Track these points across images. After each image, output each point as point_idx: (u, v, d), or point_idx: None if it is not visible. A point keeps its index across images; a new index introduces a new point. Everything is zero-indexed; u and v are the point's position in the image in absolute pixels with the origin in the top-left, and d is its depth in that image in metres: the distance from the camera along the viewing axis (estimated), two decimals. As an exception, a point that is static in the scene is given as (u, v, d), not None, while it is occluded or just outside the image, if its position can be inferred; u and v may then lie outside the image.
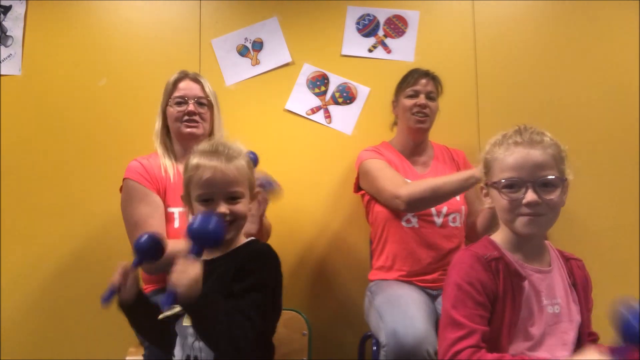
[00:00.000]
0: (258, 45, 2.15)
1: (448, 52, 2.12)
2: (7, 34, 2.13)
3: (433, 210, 1.72)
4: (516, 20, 2.13)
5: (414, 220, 1.73)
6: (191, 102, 1.64)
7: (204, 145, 1.20)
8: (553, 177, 1.05)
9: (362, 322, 1.79)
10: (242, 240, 1.23)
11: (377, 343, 1.62)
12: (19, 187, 2.07)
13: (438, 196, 1.62)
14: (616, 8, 2.10)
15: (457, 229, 1.76)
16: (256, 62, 2.14)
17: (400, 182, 1.69)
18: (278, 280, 1.18)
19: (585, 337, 1.09)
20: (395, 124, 1.95)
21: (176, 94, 1.66)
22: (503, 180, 1.06)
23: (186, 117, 1.63)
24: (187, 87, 1.67)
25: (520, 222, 1.06)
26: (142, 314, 1.17)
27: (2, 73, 2.11)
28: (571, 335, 1.07)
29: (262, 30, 2.15)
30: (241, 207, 1.16)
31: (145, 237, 1.17)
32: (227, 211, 1.13)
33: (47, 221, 2.05)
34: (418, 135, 1.85)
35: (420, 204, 1.66)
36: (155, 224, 1.52)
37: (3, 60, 2.12)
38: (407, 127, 1.84)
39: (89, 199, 2.06)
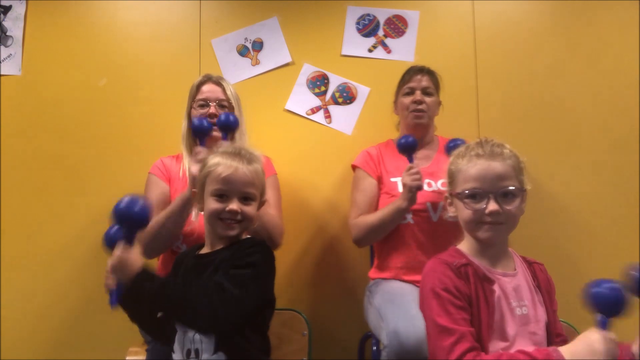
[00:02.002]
0: (258, 45, 2.15)
1: (448, 52, 2.12)
2: (7, 34, 2.14)
3: (429, 205, 1.72)
4: (516, 20, 2.13)
5: (409, 217, 1.72)
6: (213, 104, 1.70)
7: (226, 147, 1.28)
8: (513, 187, 1.11)
9: (362, 322, 1.79)
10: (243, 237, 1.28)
11: (377, 342, 1.62)
12: (18, 187, 2.07)
13: (377, 232, 1.72)
14: (616, 8, 2.09)
15: (454, 223, 1.74)
16: (256, 62, 2.14)
17: (360, 212, 1.77)
18: (271, 271, 1.23)
19: (553, 338, 1.14)
20: (400, 123, 1.95)
21: (199, 96, 1.73)
22: (466, 191, 1.13)
23: (208, 119, 1.69)
24: (209, 90, 1.73)
25: (482, 230, 1.12)
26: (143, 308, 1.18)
27: (2, 73, 2.11)
28: (540, 336, 1.11)
29: (262, 30, 2.15)
30: (251, 209, 1.23)
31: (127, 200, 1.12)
32: (239, 210, 1.19)
33: (47, 221, 2.05)
34: (417, 131, 1.84)
35: (365, 242, 1.78)
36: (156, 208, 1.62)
37: (3, 60, 2.12)
38: (407, 125, 1.85)
39: (89, 199, 2.06)
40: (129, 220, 1.09)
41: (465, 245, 1.19)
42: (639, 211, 1.99)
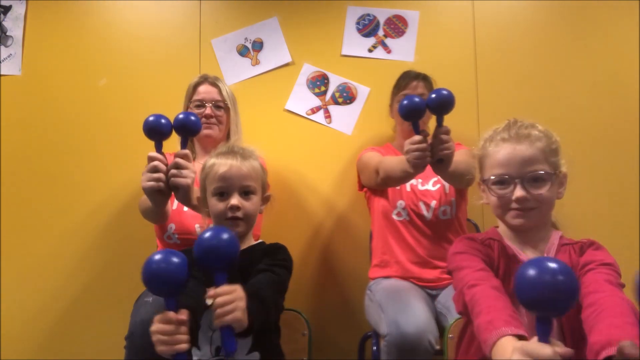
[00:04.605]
0: (258, 45, 2.15)
1: (448, 52, 2.12)
2: (7, 34, 2.14)
3: (422, 204, 1.75)
4: (516, 20, 2.13)
5: (404, 213, 1.76)
6: (209, 105, 1.75)
7: (220, 148, 1.30)
8: (541, 172, 1.05)
9: (362, 322, 1.79)
10: (252, 241, 1.30)
11: (377, 342, 1.62)
12: (19, 187, 2.07)
13: (392, 179, 1.64)
14: (616, 8, 2.09)
15: (448, 221, 1.76)
16: (256, 62, 2.14)
17: (382, 159, 1.73)
18: (290, 273, 1.26)
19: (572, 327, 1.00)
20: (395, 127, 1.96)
21: (195, 97, 1.77)
22: (492, 177, 1.08)
23: (204, 120, 1.73)
24: (205, 91, 1.77)
25: (509, 216, 1.08)
26: None
27: (2, 73, 2.11)
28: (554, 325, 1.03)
29: (262, 30, 2.15)
30: (252, 204, 1.24)
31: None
32: (240, 205, 1.20)
33: (47, 221, 2.06)
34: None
35: (387, 183, 1.71)
36: None
37: (3, 60, 2.12)
38: (402, 131, 1.86)
39: (89, 199, 2.06)
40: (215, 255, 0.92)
41: (500, 228, 1.16)
42: (639, 212, 1.99)
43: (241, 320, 0.89)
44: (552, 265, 0.69)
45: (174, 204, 1.67)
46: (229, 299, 0.89)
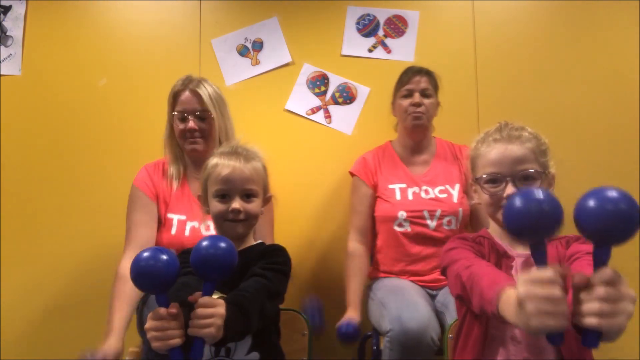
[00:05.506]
0: (258, 45, 2.15)
1: (448, 52, 2.12)
2: (7, 34, 2.14)
3: (425, 213, 1.72)
4: (516, 20, 2.13)
5: (406, 224, 1.72)
6: (191, 117, 1.60)
7: (224, 147, 1.29)
8: (532, 170, 1.09)
9: (362, 323, 1.79)
10: (252, 241, 1.29)
11: (377, 343, 1.62)
12: (19, 187, 2.07)
13: None
14: (616, 8, 2.10)
15: (452, 231, 1.71)
16: (256, 62, 2.14)
17: (358, 219, 1.80)
18: (288, 275, 1.23)
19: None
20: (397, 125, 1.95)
21: (177, 107, 1.63)
22: (484, 176, 1.11)
23: (188, 134, 1.61)
24: (186, 101, 1.62)
25: (500, 213, 1.09)
26: None
27: (2, 73, 2.12)
28: None
29: (262, 30, 2.15)
30: (254, 206, 1.23)
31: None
32: (241, 208, 1.20)
33: (47, 220, 2.06)
34: (416, 134, 1.83)
35: None
36: (144, 233, 1.58)
37: (3, 60, 2.12)
38: (405, 128, 1.84)
39: (89, 200, 2.06)
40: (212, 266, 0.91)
41: (490, 228, 1.19)
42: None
43: (215, 336, 0.89)
44: (537, 194, 0.78)
45: (172, 230, 1.59)
46: (209, 313, 0.88)
